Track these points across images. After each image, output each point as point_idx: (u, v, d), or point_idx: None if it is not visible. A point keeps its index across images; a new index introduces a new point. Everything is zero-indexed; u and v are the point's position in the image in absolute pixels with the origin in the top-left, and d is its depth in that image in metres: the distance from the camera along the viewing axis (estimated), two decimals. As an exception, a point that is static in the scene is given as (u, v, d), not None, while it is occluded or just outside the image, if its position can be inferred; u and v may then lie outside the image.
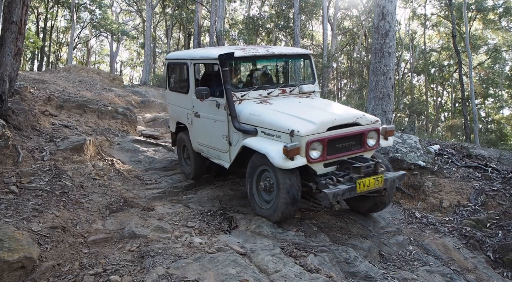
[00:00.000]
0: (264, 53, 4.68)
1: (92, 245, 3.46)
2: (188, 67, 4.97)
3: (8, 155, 4.38)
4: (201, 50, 5.68)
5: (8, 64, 4.95)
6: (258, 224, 3.96)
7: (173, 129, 5.91)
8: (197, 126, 4.96)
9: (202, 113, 4.80)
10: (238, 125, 4.08)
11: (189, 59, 4.94)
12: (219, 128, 4.48)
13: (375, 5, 7.36)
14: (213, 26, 18.51)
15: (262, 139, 3.88)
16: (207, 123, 4.72)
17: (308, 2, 21.10)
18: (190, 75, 4.94)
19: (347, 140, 3.82)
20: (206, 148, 4.90)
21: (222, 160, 4.64)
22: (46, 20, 26.90)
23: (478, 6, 21.36)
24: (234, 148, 4.29)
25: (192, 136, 5.12)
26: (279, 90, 4.62)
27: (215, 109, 4.46)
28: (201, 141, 4.96)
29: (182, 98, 5.26)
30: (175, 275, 2.81)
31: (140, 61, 36.21)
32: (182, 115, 5.35)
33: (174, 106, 5.67)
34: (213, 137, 4.65)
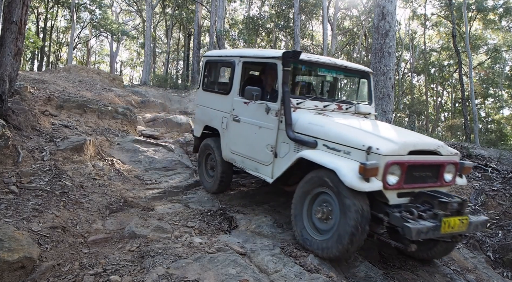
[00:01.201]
0: (326, 62, 4.27)
1: (92, 245, 3.46)
2: (234, 66, 4.59)
3: (8, 155, 4.38)
4: (253, 49, 5.33)
5: (8, 64, 4.95)
6: (258, 224, 3.96)
7: (197, 134, 5.43)
8: (234, 131, 4.49)
9: (243, 117, 4.33)
10: (293, 135, 3.59)
11: (238, 57, 4.59)
12: (264, 137, 4.01)
13: (375, 5, 7.36)
14: (213, 26, 18.51)
15: (326, 154, 3.35)
16: (248, 129, 4.25)
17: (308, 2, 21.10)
18: (236, 75, 4.55)
19: (424, 170, 3.30)
20: (241, 158, 4.40)
21: (261, 173, 4.12)
22: (46, 20, 26.91)
23: (478, 6, 21.35)
24: (281, 161, 3.81)
25: (225, 143, 4.65)
26: (335, 105, 4.19)
27: (262, 114, 4.02)
28: (236, 149, 4.47)
29: (220, 100, 4.84)
30: (175, 275, 2.81)
31: (140, 61, 36.23)
32: (215, 118, 4.91)
33: (205, 108, 5.21)
34: (254, 146, 4.17)
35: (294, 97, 4.00)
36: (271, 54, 4.14)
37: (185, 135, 8.30)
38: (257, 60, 4.52)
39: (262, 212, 4.34)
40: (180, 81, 24.06)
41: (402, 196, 3.24)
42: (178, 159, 6.40)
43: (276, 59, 3.94)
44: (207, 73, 5.42)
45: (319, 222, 3.36)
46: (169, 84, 19.99)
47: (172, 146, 6.95)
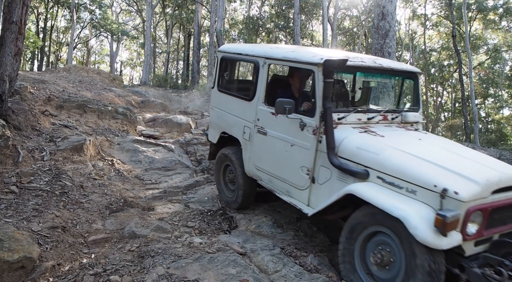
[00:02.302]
0: (371, 65, 3.51)
1: (92, 245, 3.46)
2: (258, 68, 3.90)
3: (8, 155, 4.38)
4: (283, 48, 4.21)
5: (8, 64, 4.95)
6: (258, 224, 3.96)
7: (213, 140, 4.77)
8: (259, 145, 3.86)
9: (271, 130, 3.70)
10: (337, 162, 2.98)
11: (263, 57, 3.87)
12: (298, 156, 3.39)
13: (375, 5, 7.36)
14: (213, 26, 18.52)
15: (382, 190, 2.73)
16: (277, 145, 3.61)
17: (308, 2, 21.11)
18: (261, 79, 3.86)
19: (507, 210, 2.72)
20: (269, 177, 3.79)
21: (294, 198, 3.50)
22: (46, 20, 26.92)
23: (478, 6, 21.36)
24: (320, 188, 3.22)
25: (248, 156, 4.03)
26: (380, 116, 3.54)
27: (295, 129, 3.39)
28: (262, 166, 3.85)
29: (240, 106, 4.15)
30: (175, 275, 2.80)
31: (140, 61, 36.23)
32: (234, 126, 4.26)
33: (222, 112, 4.51)
34: (285, 166, 3.56)
35: (335, 111, 3.31)
36: (307, 59, 3.36)
37: (185, 135, 8.30)
38: (288, 64, 3.74)
39: (262, 212, 4.34)
40: (180, 81, 24.08)
41: (479, 243, 2.64)
42: (178, 159, 6.40)
43: (313, 66, 3.26)
44: (223, 71, 4.65)
45: (376, 268, 2.73)
46: (169, 84, 20.01)
47: (172, 146, 6.95)
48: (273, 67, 4.11)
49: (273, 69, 4.83)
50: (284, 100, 3.30)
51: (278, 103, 3.29)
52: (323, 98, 3.14)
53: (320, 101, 3.18)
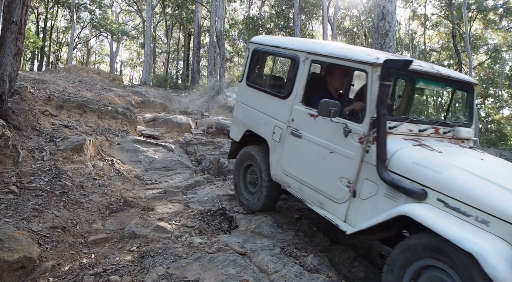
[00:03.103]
0: (429, 70, 3.09)
1: (92, 245, 3.46)
2: (298, 64, 3.58)
3: (8, 155, 4.38)
4: (327, 44, 3.82)
5: (8, 64, 4.95)
6: (258, 224, 3.96)
7: (236, 138, 4.49)
8: (291, 149, 3.56)
9: (307, 133, 3.39)
10: (389, 177, 2.63)
11: (305, 52, 3.54)
12: (338, 165, 3.07)
13: (375, 5, 7.36)
14: (213, 26, 18.52)
15: (446, 216, 2.33)
16: (314, 150, 3.30)
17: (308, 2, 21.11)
18: (300, 75, 3.55)
19: None
20: (299, 184, 3.47)
21: (328, 211, 3.18)
22: (46, 20, 26.93)
23: (478, 6, 21.37)
24: (362, 204, 2.90)
25: (276, 159, 3.74)
26: (432, 129, 3.17)
27: (337, 135, 3.07)
28: (292, 171, 3.55)
29: (272, 103, 3.85)
30: (175, 275, 2.80)
31: (140, 61, 36.24)
32: (263, 125, 3.97)
33: (249, 108, 4.22)
34: (321, 174, 3.25)
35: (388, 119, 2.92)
36: (361, 58, 2.99)
37: (185, 135, 8.30)
38: (335, 62, 3.27)
39: (262, 212, 4.34)
40: (180, 81, 24.09)
41: None
42: (178, 159, 6.40)
43: (367, 66, 2.90)
44: (254, 64, 4.33)
45: None
46: (169, 84, 20.02)
47: (172, 146, 6.95)
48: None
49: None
50: (330, 101, 2.98)
51: (323, 104, 2.97)
52: (377, 102, 2.78)
53: (372, 106, 2.84)
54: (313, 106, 3.36)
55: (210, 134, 9.54)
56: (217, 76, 18.62)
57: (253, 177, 4.22)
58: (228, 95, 13.77)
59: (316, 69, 4.32)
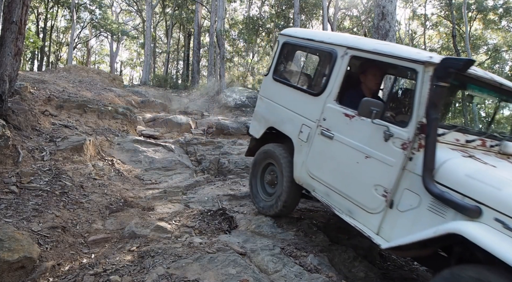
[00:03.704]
0: (484, 76, 2.83)
1: (92, 245, 3.46)
2: (335, 59, 3.34)
3: (8, 155, 4.38)
4: (368, 39, 3.63)
5: (8, 64, 4.95)
6: (258, 224, 3.96)
7: (256, 134, 4.29)
8: (320, 150, 3.34)
9: (340, 135, 3.16)
10: (437, 190, 2.38)
11: (344, 47, 3.31)
12: (374, 172, 2.85)
13: (375, 5, 7.36)
14: (213, 26, 18.53)
15: (509, 240, 2.05)
16: (346, 153, 3.08)
17: (308, 2, 21.10)
18: (336, 72, 3.32)
19: None
20: (326, 189, 3.25)
21: (358, 221, 2.95)
22: (46, 20, 26.93)
23: (478, 6, 21.38)
24: (400, 216, 2.65)
25: (301, 160, 3.52)
26: (479, 141, 2.88)
27: (376, 139, 2.84)
28: (319, 174, 3.33)
29: (302, 100, 3.64)
30: (175, 275, 2.81)
31: (140, 61, 36.25)
32: (289, 122, 3.76)
33: (274, 104, 4.02)
34: (352, 180, 3.02)
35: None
36: (411, 56, 2.75)
37: (185, 135, 8.30)
38: (379, 58, 3.03)
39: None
40: (180, 81, 24.09)
41: None
42: (178, 159, 6.40)
43: (418, 65, 2.66)
44: (283, 58, 4.13)
45: None
46: (169, 84, 20.02)
47: (172, 146, 6.95)
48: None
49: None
50: (372, 101, 2.77)
51: (364, 104, 2.77)
52: (429, 106, 2.52)
53: (420, 109, 2.59)
54: (345, 105, 3.20)
55: (210, 134, 9.54)
56: (217, 76, 18.62)
57: (273, 177, 3.99)
58: (228, 95, 13.77)
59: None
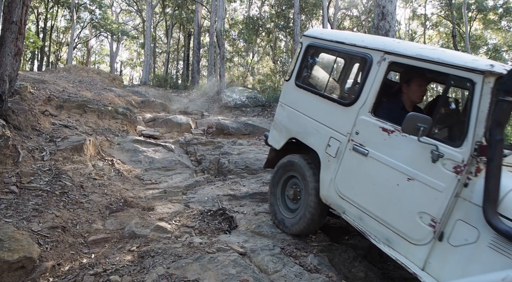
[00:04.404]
0: None
1: (92, 245, 3.46)
2: (370, 64, 2.97)
3: (8, 155, 4.38)
4: (414, 44, 3.08)
5: (8, 64, 4.95)
6: (258, 224, 3.96)
7: (276, 145, 3.94)
8: (351, 167, 2.98)
9: (376, 151, 2.80)
10: (503, 226, 2.03)
11: (381, 51, 2.91)
12: (418, 196, 2.49)
13: (375, 5, 7.36)
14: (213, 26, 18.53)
15: None
16: (384, 173, 2.71)
17: (308, 2, 21.09)
18: (371, 79, 2.93)
19: None
20: (360, 213, 2.89)
21: (400, 252, 2.57)
22: (46, 20, 26.93)
23: (478, 6, 21.39)
24: (451, 251, 2.30)
25: (329, 177, 3.16)
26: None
27: (422, 159, 2.48)
28: (351, 195, 2.97)
29: (330, 109, 3.25)
30: (175, 275, 2.80)
31: (140, 61, 36.25)
32: (314, 134, 3.38)
33: (297, 113, 3.63)
34: (391, 205, 2.65)
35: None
36: (466, 63, 2.37)
37: (185, 135, 8.30)
38: (424, 65, 2.63)
39: (262, 212, 4.34)
40: (180, 81, 24.09)
41: None
42: (178, 159, 6.40)
43: (476, 75, 2.31)
44: (307, 62, 3.73)
45: None
46: (169, 84, 20.02)
47: (172, 146, 6.95)
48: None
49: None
50: (419, 116, 2.40)
51: (410, 119, 2.40)
52: (492, 125, 2.17)
53: (479, 126, 2.25)
54: (381, 118, 2.83)
55: (210, 134, 9.54)
56: (217, 76, 18.62)
57: (295, 192, 3.65)
58: (228, 95, 13.76)
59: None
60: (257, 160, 6.54)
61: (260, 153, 7.05)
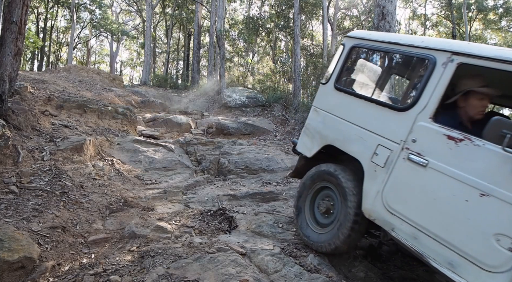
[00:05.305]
0: None
1: (92, 245, 3.46)
2: (432, 66, 2.69)
3: (8, 155, 4.38)
4: (484, 45, 2.72)
5: (8, 64, 4.95)
6: (258, 224, 3.96)
7: (307, 152, 3.67)
8: (405, 178, 2.68)
9: (438, 161, 2.50)
10: None
11: (449, 52, 2.63)
12: (494, 215, 2.20)
13: (375, 5, 7.36)
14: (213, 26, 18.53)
15: None
16: (449, 187, 2.41)
17: (308, 2, 21.10)
18: (435, 83, 2.66)
19: None
20: (415, 232, 2.55)
21: (466, 279, 2.26)
22: (46, 20, 26.94)
23: (478, 6, 21.39)
24: None
25: (375, 189, 2.86)
26: None
27: (501, 172, 2.21)
28: (403, 210, 2.64)
29: (379, 114, 2.98)
30: (175, 275, 2.80)
31: (140, 61, 36.25)
32: (358, 141, 3.09)
33: (336, 118, 3.37)
34: (457, 223, 2.33)
35: None
36: None
37: (185, 135, 8.30)
38: (508, 68, 2.30)
39: (262, 212, 4.34)
40: (180, 81, 24.10)
41: None
42: (178, 159, 6.40)
43: None
44: (350, 64, 3.52)
45: None
46: (169, 84, 20.03)
47: (172, 146, 6.95)
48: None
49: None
50: (506, 121, 2.15)
51: (495, 124, 2.17)
52: None
53: None
54: (444, 124, 2.54)
55: (210, 134, 9.55)
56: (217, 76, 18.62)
57: (327, 205, 3.36)
58: (228, 95, 13.77)
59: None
60: (257, 160, 6.54)
61: (260, 153, 7.05)
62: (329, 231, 3.23)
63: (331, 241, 3.16)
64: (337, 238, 3.09)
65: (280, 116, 11.21)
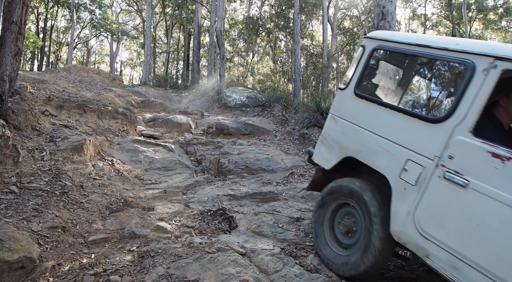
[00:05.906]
0: None
1: (92, 245, 3.46)
2: (471, 73, 2.39)
3: (8, 155, 4.38)
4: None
5: (8, 64, 4.95)
6: (258, 224, 3.96)
7: (325, 164, 3.36)
8: (441, 199, 2.38)
9: (481, 182, 2.20)
10: None
11: (490, 57, 2.33)
12: None
13: (375, 5, 7.36)
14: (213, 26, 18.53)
15: None
16: (495, 211, 2.11)
17: (308, 2, 21.11)
18: (475, 92, 2.35)
19: None
20: (454, 259, 2.25)
21: None
22: (46, 20, 26.94)
23: (478, 6, 21.40)
24: None
25: (405, 209, 2.55)
26: None
27: None
28: (440, 235, 2.34)
29: (408, 125, 2.66)
30: (175, 275, 2.80)
31: (140, 61, 36.26)
32: (383, 155, 2.78)
33: (358, 128, 3.07)
34: (507, 254, 2.03)
35: None
36: None
37: (185, 135, 8.30)
38: None
39: (262, 212, 4.34)
40: (180, 81, 24.10)
41: None
42: (178, 159, 6.40)
43: None
44: (372, 68, 3.22)
45: None
46: (169, 84, 20.03)
47: (172, 146, 6.95)
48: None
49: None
50: None
51: None
52: None
53: None
54: (486, 139, 2.24)
55: (210, 134, 9.55)
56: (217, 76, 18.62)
57: (349, 224, 3.05)
58: (228, 95, 13.77)
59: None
60: (257, 160, 6.54)
61: (260, 153, 7.06)
62: (352, 254, 2.93)
63: (357, 263, 2.85)
64: (365, 261, 2.78)
65: (280, 116, 11.22)
